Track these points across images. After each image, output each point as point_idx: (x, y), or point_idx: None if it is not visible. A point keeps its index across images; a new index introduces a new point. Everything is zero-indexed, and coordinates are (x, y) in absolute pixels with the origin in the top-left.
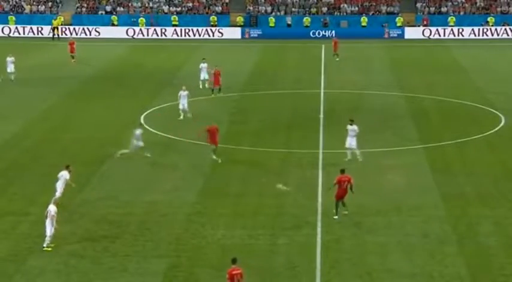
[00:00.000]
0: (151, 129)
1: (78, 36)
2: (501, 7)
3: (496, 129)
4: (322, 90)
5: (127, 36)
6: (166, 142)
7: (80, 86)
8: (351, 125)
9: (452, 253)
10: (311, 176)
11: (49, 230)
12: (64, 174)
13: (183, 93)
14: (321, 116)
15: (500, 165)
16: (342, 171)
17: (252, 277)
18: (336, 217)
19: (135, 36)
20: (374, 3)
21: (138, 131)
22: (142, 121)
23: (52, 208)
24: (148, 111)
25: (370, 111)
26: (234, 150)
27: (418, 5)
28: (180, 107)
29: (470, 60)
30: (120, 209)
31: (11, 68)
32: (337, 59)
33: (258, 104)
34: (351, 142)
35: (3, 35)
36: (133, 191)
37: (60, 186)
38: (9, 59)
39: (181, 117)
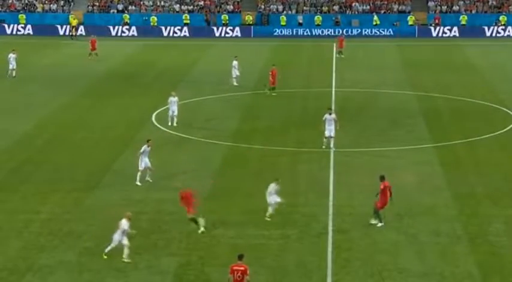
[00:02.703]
0: (162, 128)
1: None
2: None
3: (508, 128)
4: (333, 89)
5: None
6: (177, 140)
7: (91, 84)
8: (330, 114)
9: (464, 252)
10: (322, 175)
11: (117, 240)
12: None
13: (173, 99)
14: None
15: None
16: (383, 178)
17: (263, 276)
18: (381, 224)
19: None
20: (385, 2)
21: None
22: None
23: (124, 223)
24: (160, 110)
25: (382, 110)
26: (245, 148)
27: (430, 3)
28: (170, 113)
29: (482, 59)
30: (131, 207)
31: (13, 65)
32: (342, 56)
33: (269, 103)
34: (330, 131)
35: (15, 33)
36: (145, 189)
37: None
38: (12, 55)
39: (175, 123)
